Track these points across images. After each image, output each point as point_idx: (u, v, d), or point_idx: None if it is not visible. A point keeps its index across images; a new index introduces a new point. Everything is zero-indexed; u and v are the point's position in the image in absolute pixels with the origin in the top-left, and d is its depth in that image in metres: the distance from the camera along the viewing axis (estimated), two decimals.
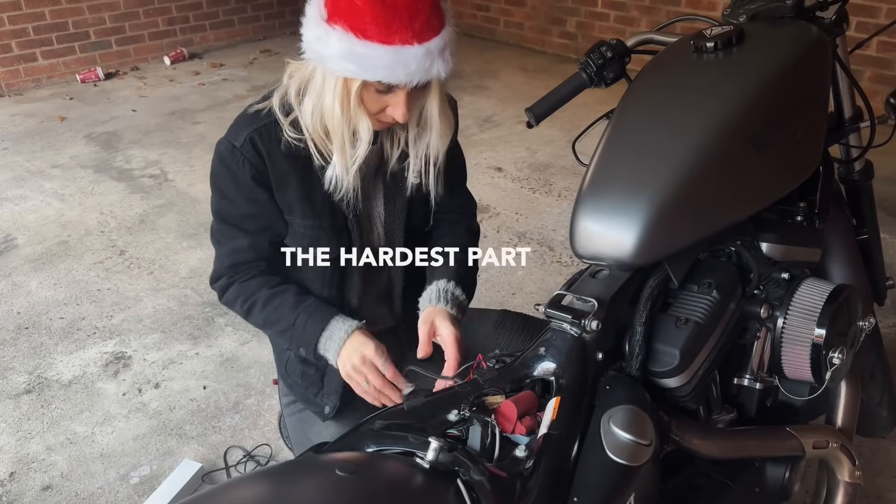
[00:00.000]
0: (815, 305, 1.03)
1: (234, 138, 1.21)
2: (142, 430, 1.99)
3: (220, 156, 1.24)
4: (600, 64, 1.27)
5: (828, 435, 1.16)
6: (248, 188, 1.23)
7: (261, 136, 1.20)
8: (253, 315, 1.31)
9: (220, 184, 1.26)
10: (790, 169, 1.06)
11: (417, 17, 1.04)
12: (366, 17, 1.03)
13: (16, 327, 2.42)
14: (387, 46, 1.04)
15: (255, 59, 5.22)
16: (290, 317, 1.26)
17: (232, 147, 1.21)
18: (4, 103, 4.44)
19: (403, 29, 1.04)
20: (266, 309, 1.28)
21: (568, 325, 0.94)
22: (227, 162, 1.22)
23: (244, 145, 1.20)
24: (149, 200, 3.26)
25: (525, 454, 0.83)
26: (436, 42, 1.07)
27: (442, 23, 1.08)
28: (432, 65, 1.07)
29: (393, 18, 1.03)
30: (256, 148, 1.20)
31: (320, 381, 1.41)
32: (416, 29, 1.04)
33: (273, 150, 1.20)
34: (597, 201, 0.99)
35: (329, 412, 1.41)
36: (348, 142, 1.16)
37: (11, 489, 1.82)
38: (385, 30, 1.03)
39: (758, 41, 1.09)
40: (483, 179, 3.39)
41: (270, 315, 1.28)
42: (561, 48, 5.16)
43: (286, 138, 1.18)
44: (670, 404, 1.00)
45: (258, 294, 1.29)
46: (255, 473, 0.79)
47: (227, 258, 1.31)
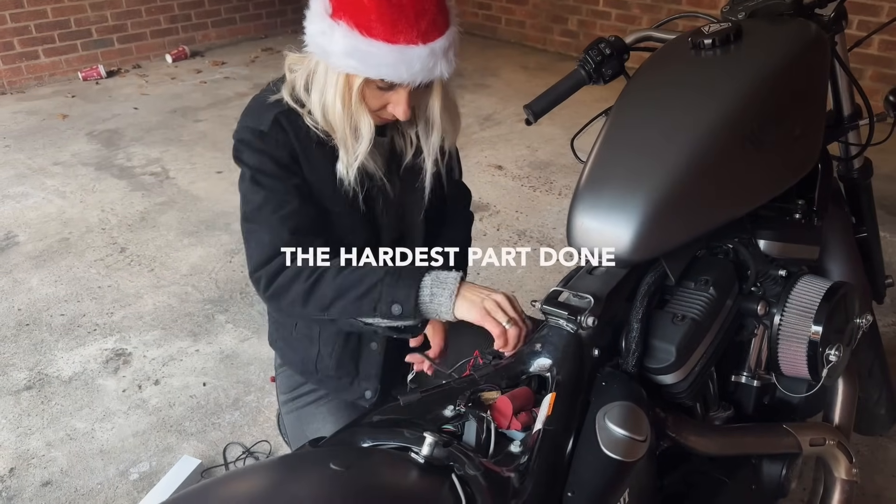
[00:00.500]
0: (812, 302, 1.03)
1: (258, 124, 1.16)
2: (141, 426, 2.00)
3: (247, 143, 1.17)
4: (599, 61, 1.27)
5: (825, 432, 1.16)
6: (288, 164, 1.17)
7: (287, 118, 1.17)
8: (321, 286, 1.14)
9: (257, 163, 1.17)
10: (787, 166, 1.06)
11: (423, 16, 1.04)
12: (371, 14, 1.02)
13: (17, 324, 2.43)
14: (391, 45, 1.03)
15: (257, 58, 5.22)
16: (376, 274, 1.12)
17: (260, 132, 1.16)
18: (6, 101, 4.44)
19: (409, 28, 1.03)
20: (341, 274, 1.14)
21: (564, 321, 0.94)
22: (258, 146, 1.16)
23: (273, 127, 1.16)
24: (150, 198, 3.26)
25: (520, 450, 0.84)
26: (440, 42, 1.06)
27: (447, 23, 1.08)
28: (436, 65, 1.07)
29: (399, 17, 1.02)
30: (284, 129, 1.16)
31: (356, 368, 1.39)
32: (421, 29, 1.04)
33: (301, 134, 1.18)
34: (594, 197, 0.99)
35: (371, 396, 1.38)
36: (350, 137, 1.15)
37: (11, 485, 1.83)
38: (390, 28, 1.02)
39: (756, 38, 1.09)
40: (483, 177, 3.39)
41: (348, 278, 1.13)
42: (562, 46, 5.16)
43: (309, 124, 1.16)
44: (667, 401, 1.01)
45: (328, 265, 1.15)
46: (250, 467, 0.79)
47: (283, 226, 1.16)
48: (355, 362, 1.39)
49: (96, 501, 1.78)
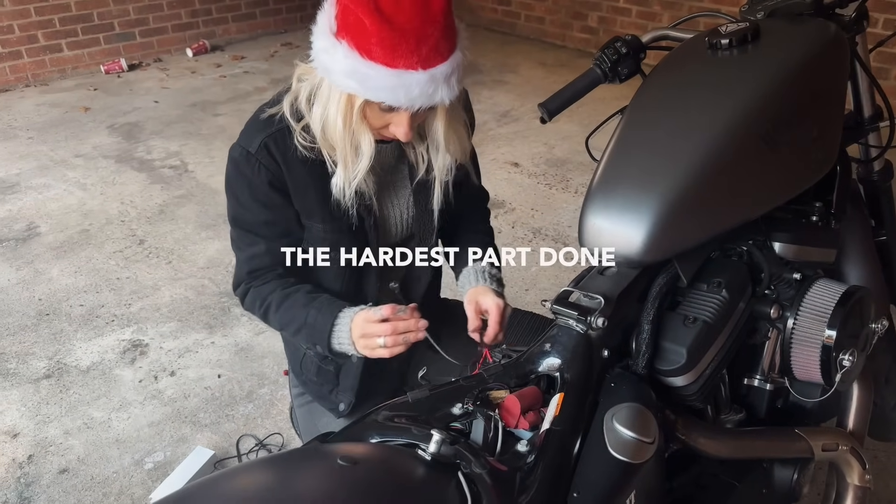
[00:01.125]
0: (826, 307, 1.02)
1: (248, 144, 1.20)
2: (157, 416, 2.03)
3: (234, 162, 1.22)
4: (614, 59, 1.26)
5: (838, 437, 1.15)
6: (263, 194, 1.22)
7: (275, 141, 1.18)
8: (269, 318, 1.30)
9: (236, 190, 1.24)
10: (804, 168, 1.05)
11: (425, 41, 1.02)
12: (372, 37, 1.01)
13: (37, 313, 2.47)
14: (390, 69, 1.02)
15: (276, 52, 5.25)
16: (301, 315, 1.25)
17: (247, 153, 1.19)
18: (30, 93, 4.51)
19: (409, 54, 1.01)
20: (280, 310, 1.27)
21: (574, 321, 0.94)
22: (243, 168, 1.20)
23: (259, 151, 1.18)
24: (168, 191, 3.30)
25: (527, 449, 0.84)
26: (442, 68, 1.04)
27: (452, 48, 1.06)
28: (436, 91, 1.05)
29: (399, 42, 1.01)
30: (272, 153, 1.18)
31: (335, 378, 1.42)
32: (422, 54, 1.02)
33: (289, 156, 1.19)
34: (606, 197, 0.98)
35: (344, 409, 1.42)
36: (350, 155, 1.15)
37: (30, 471, 1.86)
38: (390, 53, 1.01)
39: (773, 38, 1.08)
40: (499, 175, 3.38)
41: (284, 316, 1.27)
42: (582, 43, 5.13)
43: (299, 144, 1.17)
44: (677, 403, 1.00)
45: (272, 296, 1.28)
46: (257, 461, 0.80)
47: (246, 264, 1.30)
48: (336, 372, 1.41)
49: (111, 489, 1.81)
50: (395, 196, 1.31)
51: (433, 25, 1.02)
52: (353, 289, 1.35)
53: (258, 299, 1.30)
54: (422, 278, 1.40)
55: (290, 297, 1.28)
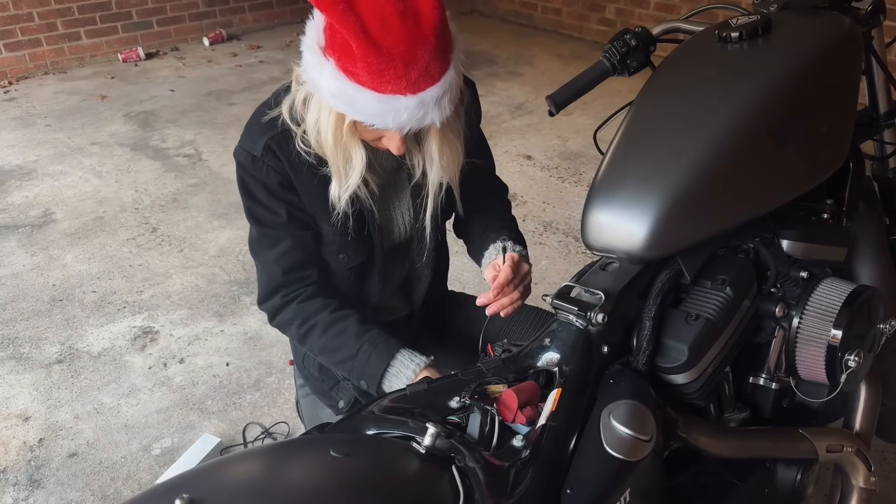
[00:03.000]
0: (833, 306, 1.00)
1: (251, 148, 1.17)
2: (165, 403, 2.05)
3: (242, 166, 1.20)
4: (624, 52, 1.24)
5: (843, 439, 1.13)
6: (278, 194, 1.20)
7: (279, 144, 1.16)
8: (310, 339, 1.25)
9: (252, 191, 1.21)
10: (812, 165, 1.03)
11: (414, 65, 0.97)
12: (358, 62, 0.97)
13: (51, 299, 2.50)
14: (377, 94, 0.98)
15: (292, 42, 5.25)
16: (352, 347, 1.21)
17: (252, 157, 1.17)
18: (49, 81, 4.56)
19: (397, 79, 0.97)
20: (326, 334, 1.23)
21: (574, 316, 0.93)
22: (251, 171, 1.19)
23: (265, 154, 1.16)
24: (182, 179, 3.32)
25: (522, 444, 0.83)
26: (432, 91, 1.00)
27: (444, 68, 1.01)
28: (426, 114, 1.01)
29: (387, 67, 0.96)
30: (276, 155, 1.17)
31: (336, 376, 1.41)
32: (410, 79, 0.98)
33: (292, 159, 1.17)
34: (610, 192, 0.97)
35: (343, 406, 1.41)
36: (342, 168, 1.13)
37: (40, 454, 1.89)
38: (377, 78, 0.97)
39: (785, 32, 1.06)
40: (512, 167, 3.36)
41: (330, 342, 1.23)
42: (599, 35, 5.08)
43: (300, 149, 1.15)
44: (678, 401, 0.99)
45: (318, 317, 1.24)
46: (252, 450, 0.80)
47: (277, 265, 1.24)
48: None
49: (119, 474, 1.83)
50: (396, 198, 1.30)
51: (423, 47, 0.97)
52: (356, 290, 1.35)
53: (299, 317, 1.25)
54: (422, 278, 1.40)
55: (340, 321, 1.24)
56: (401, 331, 1.43)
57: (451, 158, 1.18)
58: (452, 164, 1.19)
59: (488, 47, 5.02)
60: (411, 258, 1.37)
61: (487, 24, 5.54)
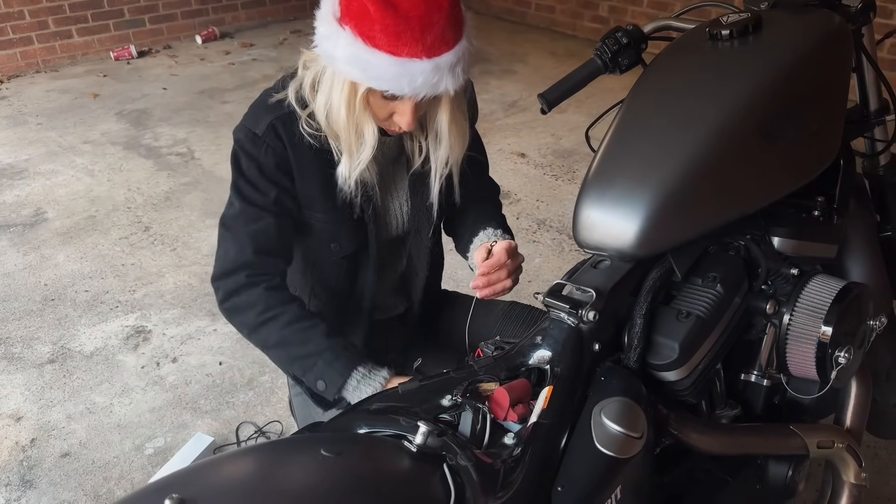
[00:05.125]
0: (823, 303, 1.00)
1: (254, 126, 1.17)
2: (158, 402, 2.04)
3: (240, 144, 1.20)
4: (615, 50, 1.24)
5: (833, 435, 1.13)
6: (272, 174, 1.19)
7: (283, 124, 1.16)
8: (267, 328, 1.21)
9: (243, 167, 1.20)
10: (802, 162, 1.04)
11: (430, 29, 1.00)
12: (375, 24, 0.99)
13: (42, 298, 2.49)
14: (394, 57, 1.00)
15: (286, 40, 5.24)
16: (320, 343, 1.18)
17: (253, 135, 1.17)
18: (41, 79, 4.53)
19: (413, 42, 0.99)
20: (291, 327, 1.20)
21: (565, 314, 0.93)
22: (249, 149, 1.18)
23: (267, 132, 1.16)
24: (175, 178, 3.31)
25: (514, 441, 0.83)
26: (447, 57, 1.02)
27: (458, 37, 1.03)
28: (441, 80, 1.03)
29: (404, 30, 0.99)
30: (279, 135, 1.17)
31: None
32: (427, 43, 1.00)
33: (295, 141, 1.17)
34: (601, 190, 0.97)
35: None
36: (354, 143, 1.13)
37: (32, 454, 1.88)
38: (394, 40, 0.99)
39: (774, 30, 1.06)
40: (506, 165, 3.36)
41: (294, 335, 1.20)
42: (592, 32, 5.09)
43: (304, 131, 1.15)
44: (670, 398, 0.99)
45: (286, 308, 1.20)
46: (243, 450, 0.80)
47: (250, 242, 1.20)
48: None
49: (112, 474, 1.82)
50: (394, 188, 1.30)
51: (439, 12, 1.00)
52: (349, 283, 1.34)
53: (262, 304, 1.20)
54: (419, 273, 1.39)
55: (309, 319, 1.21)
56: (394, 329, 1.43)
57: (458, 137, 1.19)
58: (459, 143, 1.20)
59: (482, 45, 5.01)
60: (408, 252, 1.36)
61: (481, 22, 5.53)
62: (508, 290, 1.18)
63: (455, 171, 1.24)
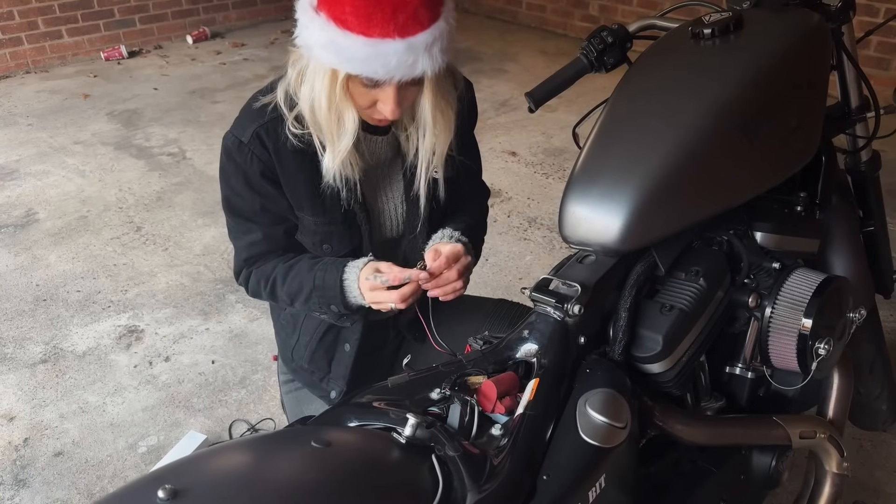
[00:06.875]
0: (804, 295, 1.03)
1: (240, 133, 1.20)
2: (151, 401, 2.05)
3: (227, 151, 1.22)
4: (601, 49, 1.26)
5: (815, 425, 1.16)
6: (257, 183, 1.22)
7: (267, 131, 1.18)
8: (278, 294, 1.29)
9: (230, 179, 1.24)
10: (783, 158, 1.06)
11: (402, 9, 0.99)
12: (346, 6, 0.99)
13: (34, 299, 2.49)
14: (365, 38, 0.99)
15: (277, 40, 5.23)
16: (309, 280, 1.24)
17: (239, 143, 1.19)
18: (31, 80, 4.52)
19: (385, 22, 0.98)
20: (286, 283, 1.27)
21: (551, 308, 0.95)
22: (235, 157, 1.21)
23: (251, 141, 1.18)
24: (166, 178, 3.31)
25: (501, 433, 0.85)
26: (422, 37, 1.00)
27: (434, 16, 1.02)
28: (416, 61, 1.02)
29: (375, 10, 0.98)
30: (263, 144, 1.18)
31: (328, 366, 1.42)
32: (398, 22, 0.99)
33: (280, 147, 1.18)
34: (585, 187, 0.99)
35: (335, 397, 1.42)
36: (336, 132, 1.13)
37: (25, 454, 1.89)
38: (365, 21, 0.99)
39: (755, 28, 1.08)
40: (497, 164, 3.38)
41: (292, 287, 1.26)
42: (583, 31, 5.11)
43: (290, 133, 1.16)
44: (655, 390, 1.01)
45: (276, 271, 1.28)
46: (234, 442, 0.82)
47: (244, 252, 1.31)
48: (328, 360, 1.42)
49: (105, 472, 1.83)
50: (388, 190, 1.31)
51: None
52: None
53: (262, 279, 1.30)
54: None
55: (294, 267, 1.28)
56: (386, 328, 1.44)
57: (444, 127, 1.18)
58: (444, 132, 1.19)
59: (473, 44, 5.03)
60: (403, 254, 1.38)
61: (472, 21, 5.54)
62: (460, 290, 1.20)
63: (440, 163, 1.24)
